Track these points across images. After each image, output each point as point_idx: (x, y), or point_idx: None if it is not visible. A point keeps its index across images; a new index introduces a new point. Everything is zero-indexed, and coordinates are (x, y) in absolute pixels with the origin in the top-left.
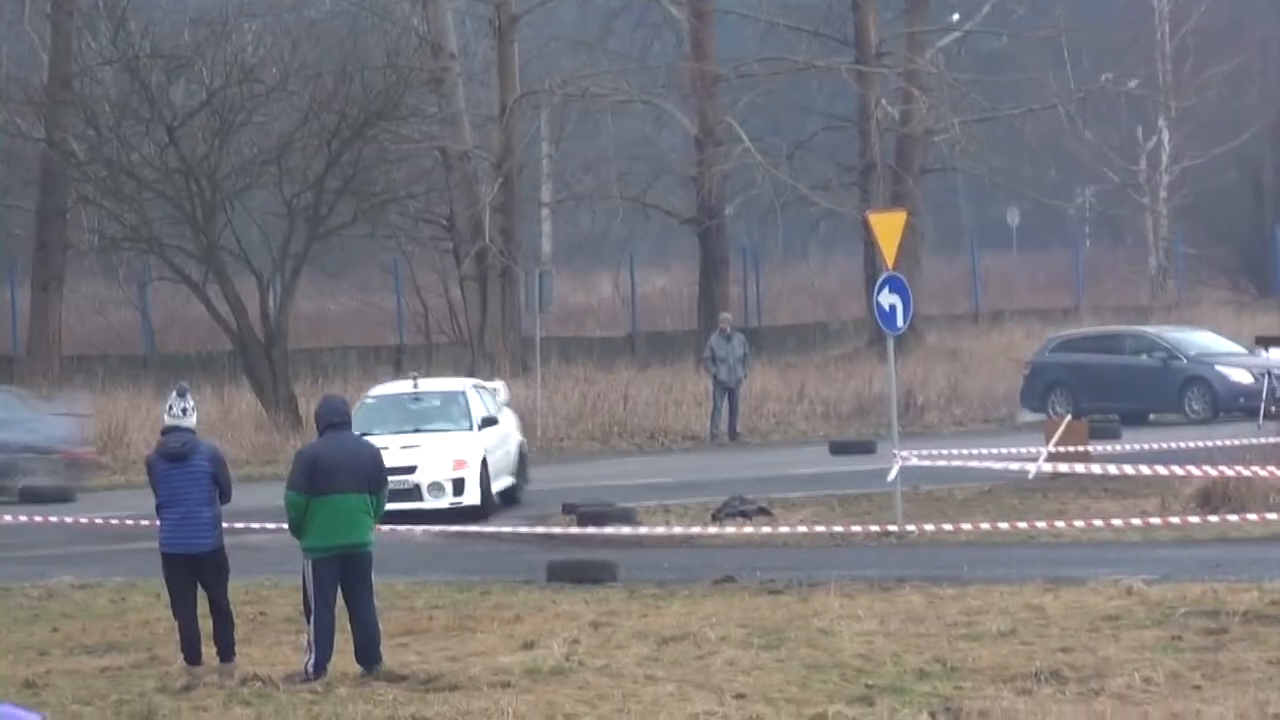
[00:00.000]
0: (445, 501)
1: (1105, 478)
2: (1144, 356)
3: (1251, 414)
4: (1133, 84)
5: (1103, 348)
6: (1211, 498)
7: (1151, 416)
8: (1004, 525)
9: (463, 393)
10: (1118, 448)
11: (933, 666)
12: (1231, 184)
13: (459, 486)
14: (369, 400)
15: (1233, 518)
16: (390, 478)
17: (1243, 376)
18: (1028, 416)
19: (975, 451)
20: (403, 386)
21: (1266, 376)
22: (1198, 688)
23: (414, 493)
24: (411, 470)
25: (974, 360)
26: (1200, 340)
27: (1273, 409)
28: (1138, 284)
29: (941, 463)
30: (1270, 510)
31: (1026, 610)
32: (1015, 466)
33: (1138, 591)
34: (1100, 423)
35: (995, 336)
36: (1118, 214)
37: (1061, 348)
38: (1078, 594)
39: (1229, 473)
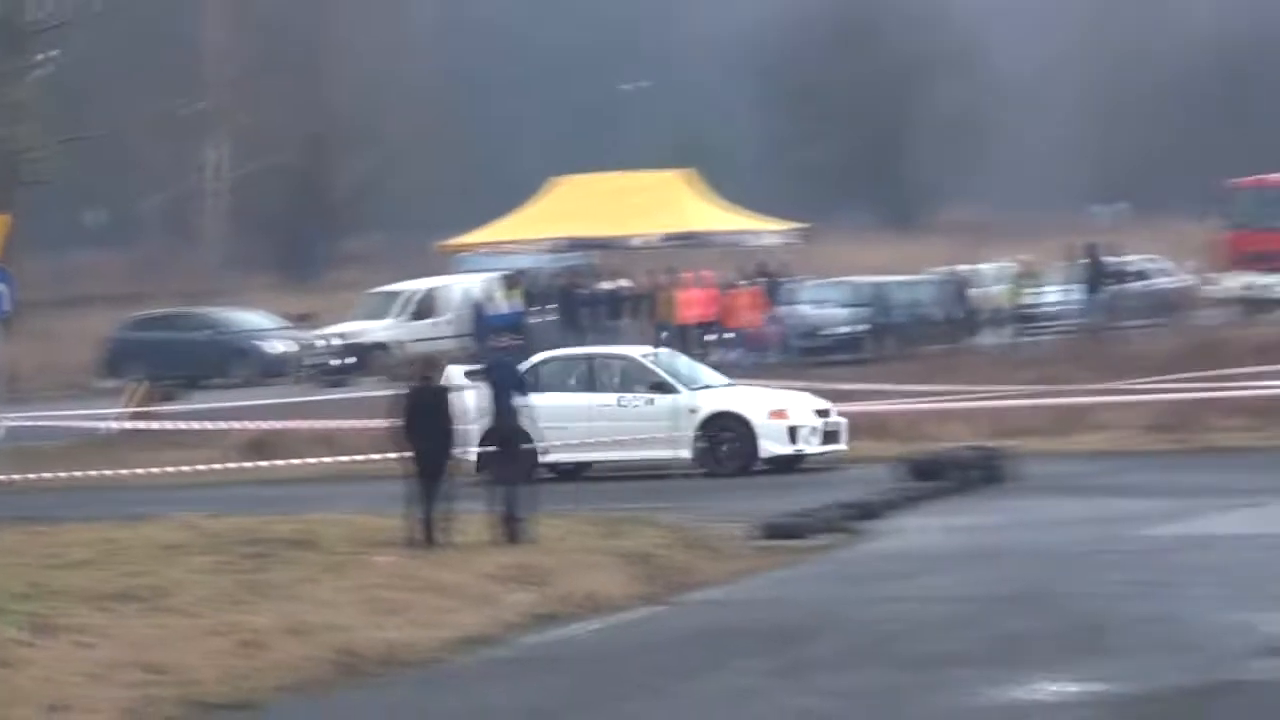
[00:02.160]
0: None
1: (173, 432)
2: (200, 332)
3: (287, 377)
4: (200, 106)
5: (168, 326)
6: (261, 447)
7: (211, 381)
8: (92, 473)
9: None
10: (182, 407)
11: (30, 590)
12: (281, 188)
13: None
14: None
15: (277, 463)
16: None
17: (279, 346)
18: (108, 384)
19: (66, 413)
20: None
21: (303, 345)
22: (243, 602)
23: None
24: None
25: (66, 339)
26: (247, 318)
27: (305, 372)
28: (204, 272)
29: (40, 423)
30: (302, 456)
31: (105, 543)
32: (101, 425)
33: (196, 525)
34: (168, 387)
35: (83, 320)
36: (185, 214)
37: (136, 326)
38: (147, 529)
39: (271, 425)
